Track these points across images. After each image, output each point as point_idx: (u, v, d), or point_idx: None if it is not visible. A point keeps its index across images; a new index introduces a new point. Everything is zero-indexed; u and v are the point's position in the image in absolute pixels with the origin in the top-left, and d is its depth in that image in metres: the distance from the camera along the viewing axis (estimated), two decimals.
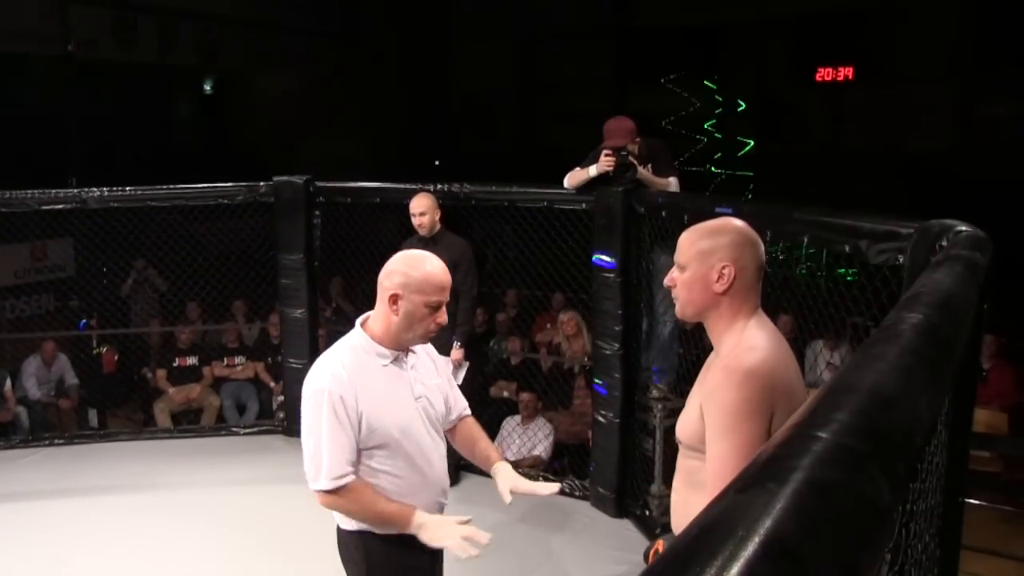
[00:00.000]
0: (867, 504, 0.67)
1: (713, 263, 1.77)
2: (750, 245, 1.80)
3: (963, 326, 1.32)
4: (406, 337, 2.18)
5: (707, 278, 1.78)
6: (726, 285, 1.77)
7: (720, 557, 0.55)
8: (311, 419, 2.13)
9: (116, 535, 4.16)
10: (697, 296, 1.80)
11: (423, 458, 2.23)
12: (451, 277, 4.95)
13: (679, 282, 1.83)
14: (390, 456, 2.16)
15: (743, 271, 1.77)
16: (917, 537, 1.35)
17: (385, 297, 2.15)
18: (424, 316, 2.15)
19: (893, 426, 0.81)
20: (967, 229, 2.11)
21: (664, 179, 4.28)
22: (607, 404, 4.41)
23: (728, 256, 1.77)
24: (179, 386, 6.48)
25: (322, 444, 2.10)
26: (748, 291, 1.79)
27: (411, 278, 2.13)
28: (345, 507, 2.18)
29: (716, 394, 1.71)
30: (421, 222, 4.55)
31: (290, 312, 5.42)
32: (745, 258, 1.78)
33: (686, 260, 1.81)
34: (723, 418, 1.69)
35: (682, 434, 1.87)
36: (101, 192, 5.29)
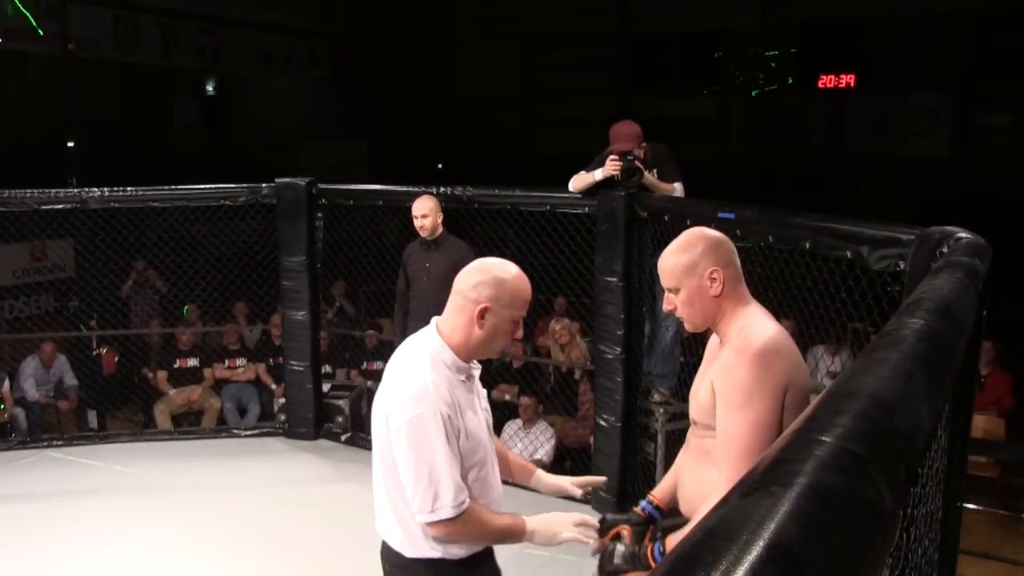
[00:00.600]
0: (869, 508, 0.67)
1: (701, 273, 1.88)
2: (721, 244, 1.92)
3: (963, 332, 1.33)
4: (483, 351, 2.05)
5: (702, 289, 1.88)
6: (720, 287, 1.88)
7: (724, 561, 0.56)
8: (416, 446, 1.91)
9: (115, 537, 4.16)
10: (700, 308, 1.90)
11: (494, 477, 2.14)
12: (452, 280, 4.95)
13: (678, 304, 1.93)
14: (480, 473, 2.05)
15: (727, 268, 1.89)
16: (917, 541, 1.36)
17: (471, 309, 1.99)
18: (508, 331, 2.03)
19: (895, 431, 0.82)
20: (967, 236, 2.12)
21: (669, 184, 4.29)
22: (609, 408, 4.41)
23: (711, 262, 1.88)
24: (180, 388, 6.48)
25: (439, 469, 1.91)
26: (737, 284, 1.92)
27: (503, 291, 2.00)
28: (466, 532, 1.99)
29: (728, 372, 1.81)
30: (423, 224, 4.56)
31: (292, 314, 5.42)
32: (724, 257, 1.90)
33: (675, 282, 1.91)
34: (736, 394, 1.78)
35: (696, 414, 1.96)
36: (102, 192, 5.29)
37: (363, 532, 4.20)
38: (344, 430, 5.54)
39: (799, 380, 1.81)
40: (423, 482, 1.92)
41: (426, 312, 4.60)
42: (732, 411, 1.78)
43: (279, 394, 6.21)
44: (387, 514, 2.09)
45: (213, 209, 5.53)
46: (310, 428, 5.48)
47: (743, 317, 1.89)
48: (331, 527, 4.28)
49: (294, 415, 5.53)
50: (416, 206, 4.59)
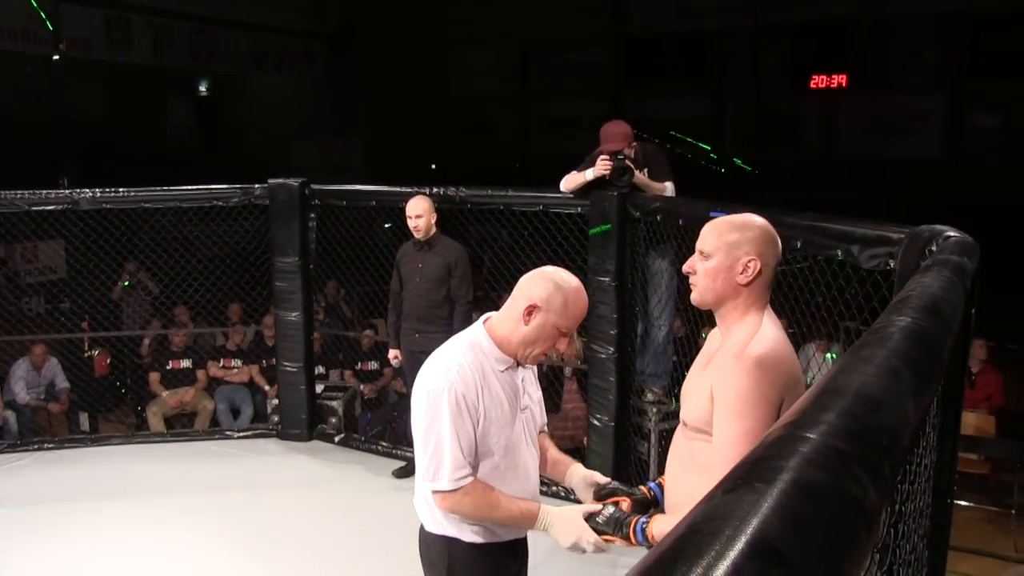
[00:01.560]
0: (853, 504, 0.68)
1: (739, 256, 1.83)
2: (773, 243, 1.87)
3: (950, 330, 1.33)
4: (523, 352, 2.07)
5: (732, 269, 1.84)
6: (750, 278, 1.84)
7: (707, 556, 0.56)
8: (430, 415, 2.00)
9: (107, 540, 4.14)
10: (720, 285, 1.86)
11: (523, 470, 2.15)
12: (446, 281, 4.94)
13: (702, 270, 1.88)
14: (502, 462, 2.08)
15: (766, 267, 1.84)
16: (906, 537, 1.36)
17: (522, 305, 2.02)
18: (551, 337, 2.04)
19: (880, 427, 0.82)
20: (956, 235, 2.13)
21: (660, 184, 4.30)
22: (602, 407, 4.42)
23: (754, 250, 1.83)
24: (172, 389, 6.46)
25: (443, 441, 1.98)
26: (765, 286, 1.87)
27: (557, 296, 2.02)
28: (466, 508, 2.04)
29: (728, 380, 1.79)
30: (417, 224, 4.56)
31: (285, 315, 5.41)
32: (768, 254, 1.85)
33: (712, 249, 1.86)
34: (734, 403, 1.76)
35: (689, 416, 1.93)
36: (93, 193, 5.27)
37: (357, 533, 4.21)
38: (337, 431, 5.53)
39: (796, 392, 1.79)
40: (429, 450, 2.01)
41: (419, 312, 4.65)
42: (729, 419, 1.77)
43: (272, 395, 6.19)
44: (417, 488, 2.15)
45: (206, 210, 5.52)
46: (303, 429, 5.48)
47: (752, 322, 1.86)
48: (325, 528, 4.27)
49: (287, 416, 5.52)
50: (410, 206, 4.59)
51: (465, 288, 4.61)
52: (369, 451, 5.29)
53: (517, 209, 4.78)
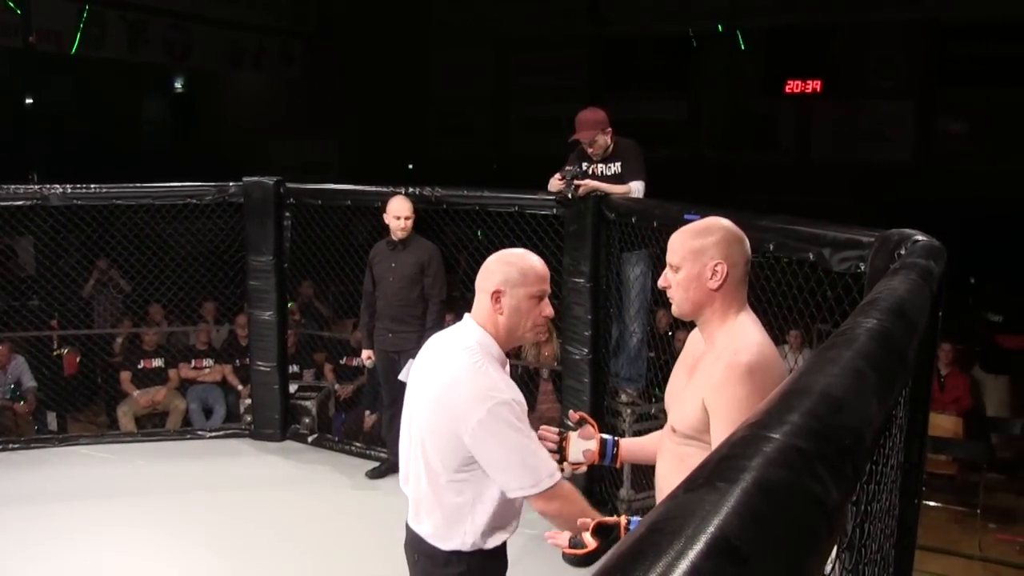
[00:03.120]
0: (814, 503, 0.68)
1: (706, 261, 1.85)
2: (738, 242, 1.89)
3: (916, 332, 1.35)
4: (516, 335, 2.08)
5: (702, 276, 1.86)
6: (720, 282, 1.85)
7: (667, 555, 0.56)
8: (501, 433, 1.95)
9: (74, 541, 4.08)
10: (694, 294, 1.87)
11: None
12: (419, 280, 4.93)
13: (674, 283, 1.90)
14: None
15: (734, 267, 1.86)
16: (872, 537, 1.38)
17: (487, 299, 2.03)
18: (531, 308, 2.03)
19: (843, 427, 0.83)
20: (924, 239, 2.17)
21: (625, 186, 4.31)
22: (575, 408, 4.42)
23: (720, 254, 1.85)
24: (144, 389, 6.38)
25: (528, 450, 1.98)
26: (739, 286, 1.89)
27: (510, 272, 2.03)
28: (565, 507, 2.02)
29: (723, 389, 1.79)
30: (405, 226, 4.54)
31: (259, 314, 5.37)
32: (735, 255, 1.87)
33: (679, 260, 1.88)
34: (733, 412, 1.76)
35: (679, 424, 1.94)
36: (64, 189, 5.20)
37: (328, 534, 4.18)
38: (311, 431, 5.50)
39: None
40: (517, 465, 1.97)
41: (392, 312, 4.63)
42: (730, 427, 1.71)
43: (245, 395, 6.14)
44: (427, 507, 2.11)
45: (179, 208, 5.46)
46: (276, 429, 5.44)
47: (734, 325, 1.87)
48: (297, 529, 4.24)
49: (260, 416, 5.48)
50: (396, 207, 4.56)
51: (438, 288, 4.60)
52: (342, 452, 5.27)
53: (493, 210, 4.79)
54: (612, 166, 4.41)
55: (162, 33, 12.36)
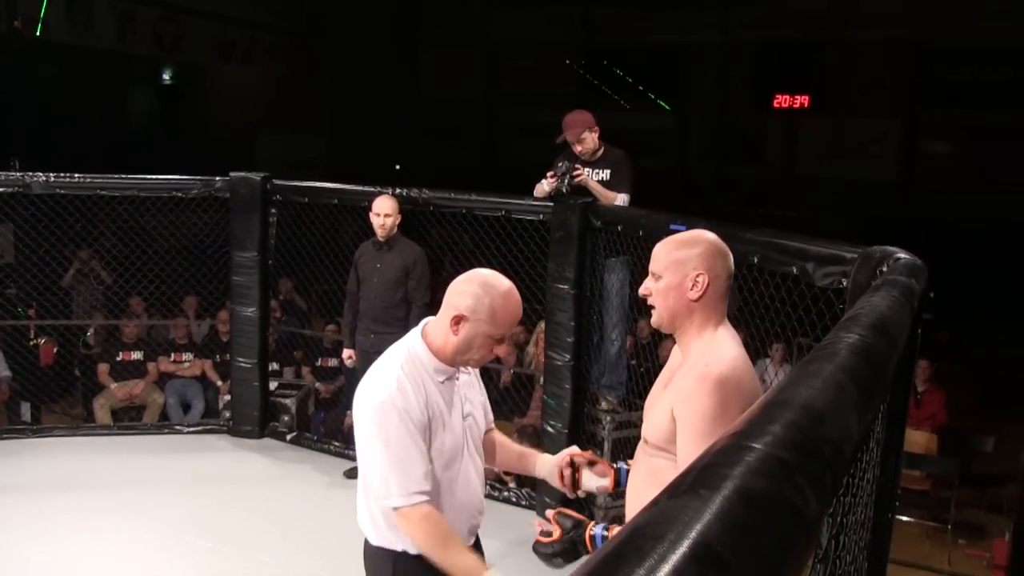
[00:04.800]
0: (794, 513, 0.69)
1: (688, 272, 1.85)
2: (721, 255, 1.89)
3: (896, 348, 1.37)
4: (459, 359, 2.02)
5: (682, 286, 1.85)
6: (700, 293, 1.85)
7: (649, 560, 0.57)
8: (376, 430, 1.94)
9: (47, 535, 4.03)
10: (673, 303, 1.87)
11: (464, 480, 2.10)
12: (403, 282, 4.93)
13: (655, 291, 1.89)
14: (447, 473, 2.05)
15: (716, 280, 1.86)
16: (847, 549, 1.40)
17: (450, 314, 1.97)
18: (484, 345, 1.98)
19: (823, 439, 0.84)
20: (905, 256, 2.19)
21: (613, 193, 4.34)
22: (556, 415, 4.44)
23: (702, 265, 1.85)
24: (121, 382, 6.33)
25: (393, 457, 1.93)
26: (719, 300, 1.88)
27: (483, 305, 1.95)
28: (419, 534, 1.96)
29: (691, 400, 1.79)
30: (384, 223, 4.53)
31: (241, 310, 5.34)
32: (717, 268, 1.86)
33: (661, 269, 1.88)
34: (698, 422, 1.76)
35: (650, 435, 1.93)
36: (47, 177, 5.15)
37: (306, 533, 4.16)
38: (290, 429, 5.47)
39: (756, 397, 1.80)
40: (376, 466, 1.96)
41: (375, 313, 4.62)
42: (694, 439, 1.76)
43: (224, 391, 6.11)
44: (360, 501, 2.11)
45: (164, 200, 5.42)
46: (255, 426, 5.41)
47: (711, 338, 1.87)
48: (273, 527, 4.22)
49: (239, 413, 5.45)
50: (378, 204, 4.57)
51: (422, 291, 4.60)
52: (321, 451, 5.25)
53: (479, 213, 4.79)
54: (601, 172, 4.43)
55: (152, 24, 12.27)
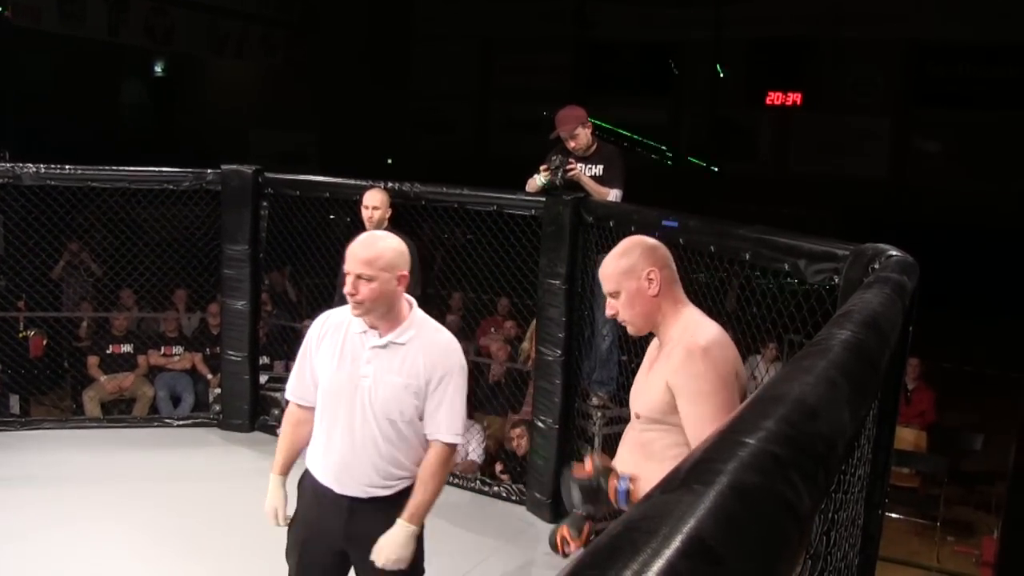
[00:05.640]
0: (787, 508, 0.69)
1: (639, 274, 2.00)
2: (656, 248, 2.07)
3: (888, 344, 1.37)
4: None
5: (641, 290, 2.00)
6: (657, 287, 2.00)
7: (643, 553, 0.57)
8: None
9: (35, 528, 4.01)
10: (640, 309, 2.01)
11: (347, 433, 2.36)
12: None
13: (619, 307, 2.03)
14: (320, 409, 2.43)
15: (664, 269, 2.03)
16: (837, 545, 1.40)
17: None
18: (344, 284, 2.32)
19: (816, 435, 0.84)
20: (897, 254, 2.20)
21: (605, 189, 4.34)
22: (547, 410, 4.44)
23: (647, 264, 2.01)
24: (111, 374, 6.30)
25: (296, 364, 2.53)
26: (674, 284, 2.05)
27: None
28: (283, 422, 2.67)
29: (686, 368, 1.92)
30: (372, 216, 4.53)
31: (231, 303, 5.32)
32: (659, 259, 2.04)
33: (615, 286, 2.03)
34: (700, 385, 1.90)
35: (642, 408, 2.05)
36: (37, 168, 5.12)
37: None
38: (280, 423, 5.45)
39: (741, 370, 2.00)
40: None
41: None
42: (699, 401, 1.90)
43: (214, 384, 6.08)
44: None
45: (155, 193, 5.39)
46: (245, 420, 5.39)
47: (683, 318, 2.02)
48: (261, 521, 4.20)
49: (229, 406, 5.43)
50: (368, 197, 4.56)
51: (412, 284, 4.59)
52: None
53: (471, 208, 4.78)
54: (594, 168, 4.43)
55: (144, 16, 12.19)
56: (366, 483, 2.37)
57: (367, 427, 2.34)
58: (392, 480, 2.39)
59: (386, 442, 2.35)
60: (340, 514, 2.40)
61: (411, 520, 2.35)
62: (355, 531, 2.39)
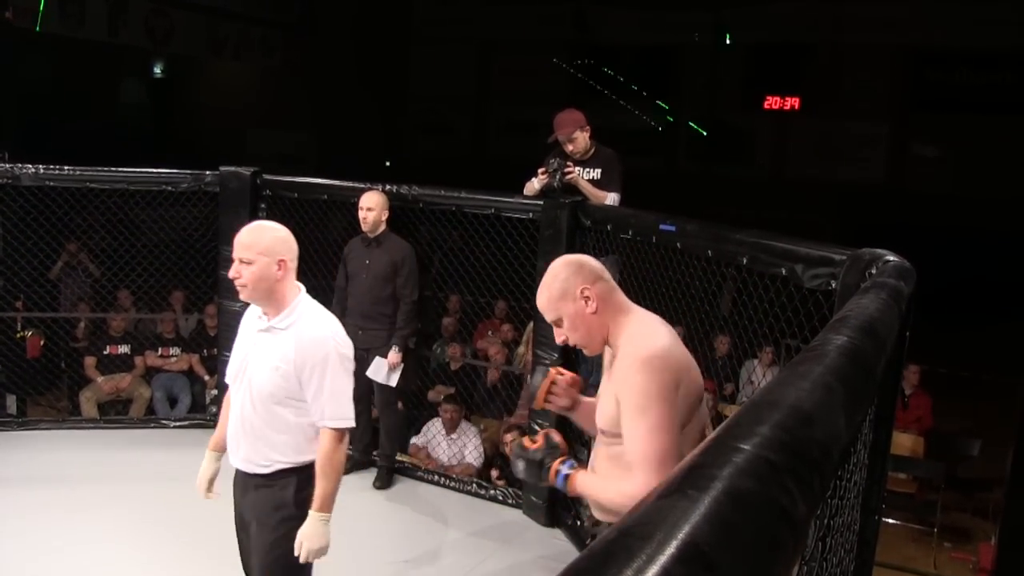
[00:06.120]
0: (782, 514, 0.70)
1: (575, 296, 1.97)
2: (583, 265, 2.02)
3: (884, 350, 1.38)
4: None
5: (580, 311, 1.97)
6: (596, 304, 1.96)
7: (638, 559, 0.57)
8: None
9: (32, 528, 4.01)
10: (586, 329, 1.99)
11: (237, 408, 2.57)
12: (392, 279, 4.95)
13: (567, 333, 2.01)
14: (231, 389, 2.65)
15: (596, 283, 1.98)
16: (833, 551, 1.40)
17: None
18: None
19: (811, 441, 0.85)
20: (894, 259, 2.20)
21: (603, 192, 4.34)
22: (543, 413, 4.44)
23: (578, 283, 1.97)
24: (108, 375, 6.29)
25: None
26: (613, 296, 2.01)
27: None
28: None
29: (628, 380, 1.89)
30: (366, 216, 4.55)
31: (229, 305, 5.31)
32: (588, 275, 1.99)
33: (554, 314, 2.00)
34: (638, 399, 1.86)
35: (603, 423, 2.03)
36: (36, 169, 5.11)
37: None
38: None
39: (688, 378, 1.93)
40: None
41: (363, 309, 4.62)
42: (634, 417, 1.87)
43: (211, 386, 6.08)
44: None
45: (154, 194, 5.39)
46: None
47: (629, 325, 1.98)
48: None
49: None
50: (363, 199, 4.59)
51: (410, 288, 4.60)
52: None
53: (469, 211, 4.78)
54: (592, 171, 4.43)
55: (143, 17, 12.19)
56: (246, 459, 2.58)
57: (247, 407, 2.52)
58: (268, 460, 2.53)
59: (262, 422, 2.50)
60: (239, 489, 2.66)
61: (320, 509, 2.48)
62: (243, 508, 2.63)
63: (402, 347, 4.59)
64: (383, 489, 4.69)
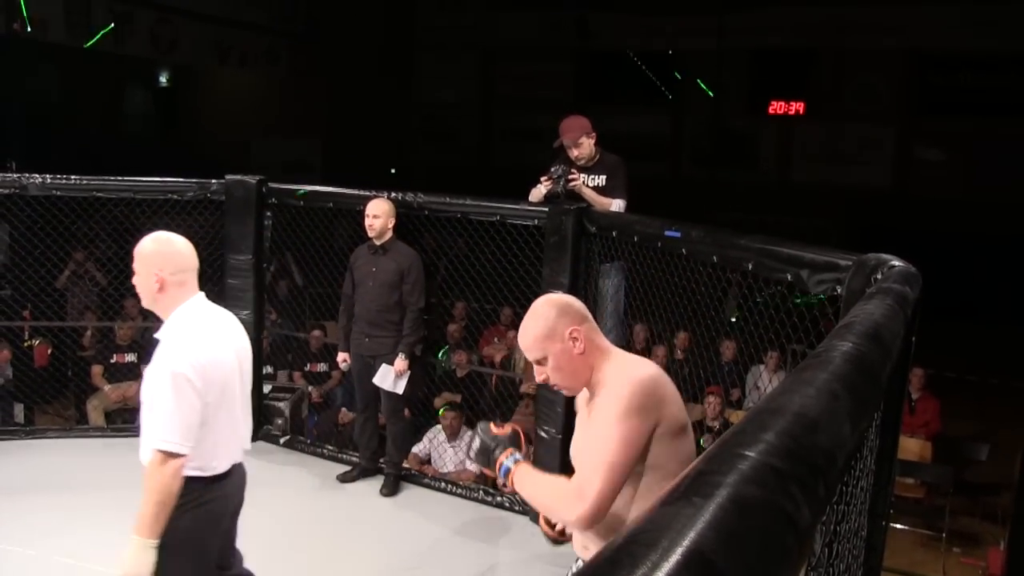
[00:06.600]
0: (787, 521, 0.70)
1: (563, 335, 1.93)
2: (570, 305, 2.00)
3: (890, 356, 1.38)
4: None
5: (567, 350, 1.93)
6: (583, 345, 1.94)
7: (643, 567, 0.57)
8: None
9: (39, 536, 4.02)
10: (570, 370, 1.95)
11: None
12: (398, 286, 4.96)
13: (549, 372, 1.96)
14: None
15: (582, 324, 1.96)
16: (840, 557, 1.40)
17: None
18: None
19: (817, 448, 0.85)
20: (900, 264, 2.20)
21: (607, 199, 4.34)
22: (550, 420, 4.44)
23: (566, 324, 1.94)
24: (115, 383, 6.31)
25: None
26: (597, 337, 1.99)
27: None
28: None
29: (614, 396, 1.86)
30: (372, 224, 4.56)
31: (235, 313, 5.31)
32: (575, 317, 1.97)
33: (539, 352, 1.96)
34: (617, 407, 1.83)
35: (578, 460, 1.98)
36: (43, 179, 5.14)
37: (299, 535, 4.16)
38: (283, 432, 5.46)
39: (670, 415, 1.88)
40: None
41: (370, 316, 4.62)
42: (610, 421, 1.84)
43: None
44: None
45: (160, 203, 5.41)
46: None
47: (611, 365, 1.95)
48: (267, 530, 4.20)
49: None
50: (370, 206, 4.60)
51: (416, 295, 4.60)
52: (314, 454, 5.23)
53: (474, 218, 4.79)
54: (597, 178, 4.44)
55: (149, 26, 12.26)
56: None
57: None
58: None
59: (145, 432, 2.49)
60: None
61: (137, 532, 2.38)
62: None
63: (408, 354, 4.60)
64: (390, 496, 4.69)
